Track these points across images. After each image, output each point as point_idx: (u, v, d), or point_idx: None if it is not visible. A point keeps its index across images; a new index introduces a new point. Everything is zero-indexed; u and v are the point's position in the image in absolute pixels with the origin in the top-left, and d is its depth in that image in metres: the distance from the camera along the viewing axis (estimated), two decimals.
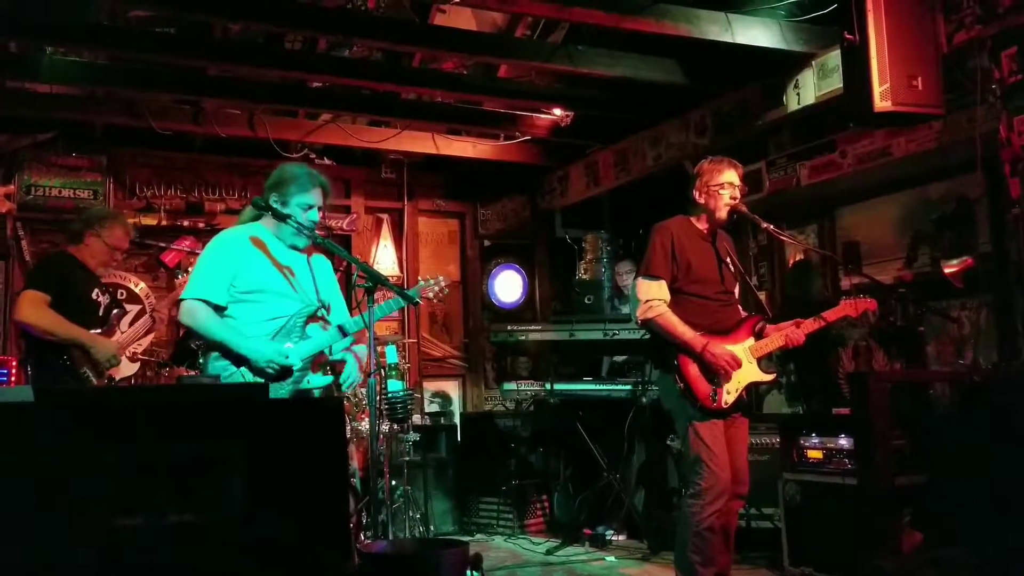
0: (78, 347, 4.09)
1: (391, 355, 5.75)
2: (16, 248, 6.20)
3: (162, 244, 6.69)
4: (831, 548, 4.22)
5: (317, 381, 3.37)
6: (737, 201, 3.79)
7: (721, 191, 3.78)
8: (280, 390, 3.25)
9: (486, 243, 7.86)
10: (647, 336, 3.89)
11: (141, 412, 2.14)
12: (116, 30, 5.07)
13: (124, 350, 4.32)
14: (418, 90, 6.19)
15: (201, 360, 3.42)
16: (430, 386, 7.47)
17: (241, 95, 5.96)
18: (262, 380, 3.20)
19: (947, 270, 4.42)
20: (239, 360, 3.26)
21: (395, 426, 5.37)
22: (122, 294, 4.35)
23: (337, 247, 3.61)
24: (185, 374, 5.62)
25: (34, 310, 4.07)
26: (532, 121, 6.61)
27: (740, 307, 3.92)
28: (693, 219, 3.87)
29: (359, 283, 3.38)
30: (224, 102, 6.16)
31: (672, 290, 3.71)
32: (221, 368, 3.27)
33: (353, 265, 3.43)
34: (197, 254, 6.52)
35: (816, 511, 4.35)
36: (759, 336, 3.76)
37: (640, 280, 3.76)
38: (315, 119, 6.61)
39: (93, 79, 5.63)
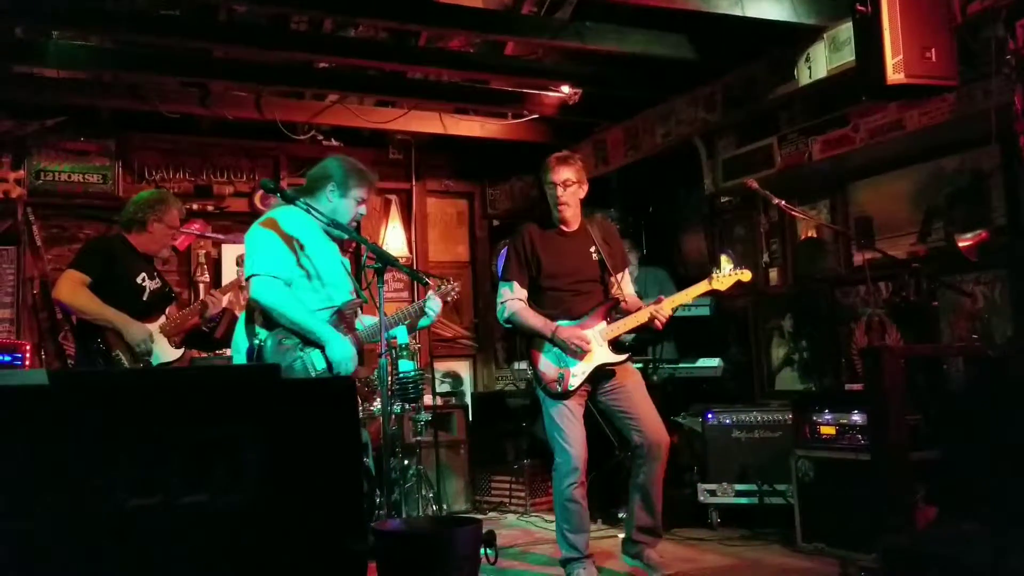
0: (112, 330, 4.13)
1: (402, 336, 5.74)
2: (27, 233, 6.21)
3: None
4: (844, 524, 4.22)
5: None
6: (563, 198, 4.04)
7: (548, 190, 4.09)
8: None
9: (495, 223, 7.84)
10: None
11: (154, 394, 2.15)
12: (121, 14, 5.04)
13: (166, 335, 4.33)
14: (425, 69, 6.15)
15: (258, 342, 3.33)
16: (441, 366, 7.47)
17: (247, 77, 5.94)
18: (323, 367, 3.28)
19: (961, 244, 4.37)
20: (312, 344, 3.28)
21: (407, 406, 5.38)
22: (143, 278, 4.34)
23: (347, 228, 3.60)
24: (198, 356, 5.64)
25: (70, 289, 4.12)
26: (540, 99, 6.56)
27: (606, 292, 4.11)
28: (551, 217, 4.14)
29: (369, 264, 3.38)
30: (230, 84, 6.14)
31: (534, 287, 4.09)
32: (280, 356, 3.24)
33: (363, 247, 3.42)
34: (207, 237, 6.58)
35: (829, 487, 4.34)
36: (613, 319, 4.02)
37: (500, 285, 4.19)
38: (322, 100, 6.59)
39: (99, 63, 5.62)
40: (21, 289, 6.17)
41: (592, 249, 4.09)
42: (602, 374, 4.01)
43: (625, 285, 4.20)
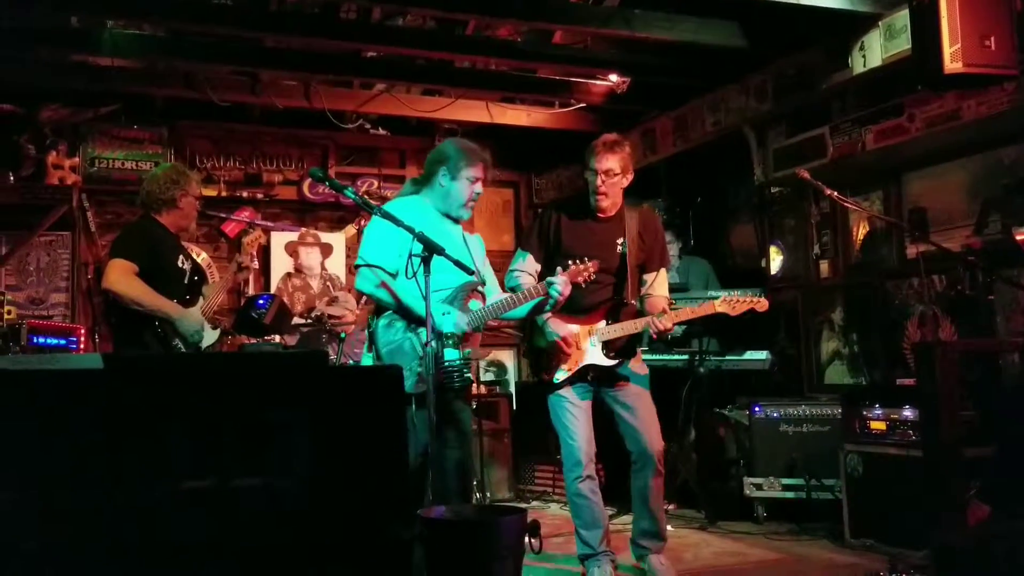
0: (166, 320, 4.01)
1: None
2: (82, 219, 6.36)
3: (222, 215, 6.81)
4: (894, 520, 4.16)
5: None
6: (603, 188, 3.78)
7: (588, 176, 3.84)
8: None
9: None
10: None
11: (206, 379, 2.18)
12: (175, 2, 5.12)
13: (206, 317, 4.27)
14: (472, 58, 6.15)
15: (370, 329, 3.48)
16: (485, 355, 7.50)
17: (297, 66, 6.01)
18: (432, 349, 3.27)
19: (1019, 237, 4.27)
20: (419, 323, 3.35)
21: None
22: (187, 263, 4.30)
23: (394, 216, 3.61)
24: (248, 342, 5.72)
25: (122, 278, 3.94)
26: (587, 88, 6.52)
27: (619, 289, 3.86)
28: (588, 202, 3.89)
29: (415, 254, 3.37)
30: (280, 73, 6.21)
31: (550, 265, 3.72)
32: (388, 341, 3.40)
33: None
34: (257, 224, 6.67)
35: (878, 483, 4.28)
36: (612, 320, 3.81)
37: (516, 253, 4.01)
38: (370, 89, 6.63)
39: (153, 51, 5.71)
40: (76, 274, 6.32)
41: (619, 240, 3.85)
42: (602, 372, 3.86)
43: (657, 286, 3.96)
